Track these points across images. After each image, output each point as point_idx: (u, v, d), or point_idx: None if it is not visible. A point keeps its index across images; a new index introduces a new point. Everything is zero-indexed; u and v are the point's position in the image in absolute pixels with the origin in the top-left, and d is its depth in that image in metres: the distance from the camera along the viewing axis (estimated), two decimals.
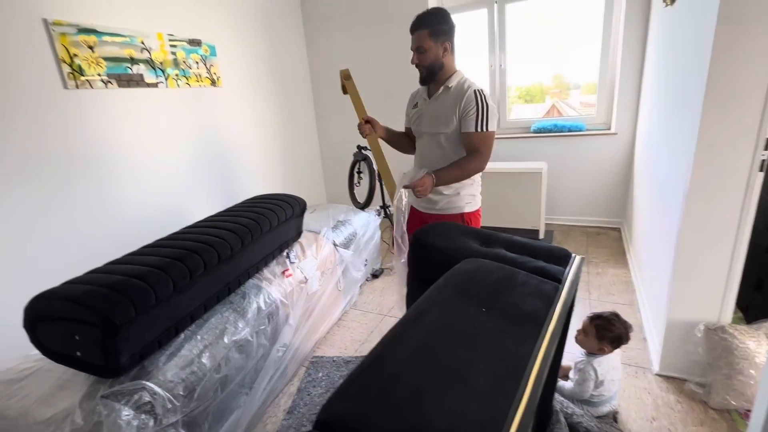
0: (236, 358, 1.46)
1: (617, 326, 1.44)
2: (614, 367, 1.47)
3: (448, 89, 1.54)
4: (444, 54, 1.51)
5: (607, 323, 1.45)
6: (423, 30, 1.49)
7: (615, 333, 1.43)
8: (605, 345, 1.44)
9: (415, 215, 1.75)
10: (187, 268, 1.31)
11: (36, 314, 1.14)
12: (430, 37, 1.48)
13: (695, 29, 1.50)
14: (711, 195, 1.40)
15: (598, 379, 1.42)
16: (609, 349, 1.45)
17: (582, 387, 1.44)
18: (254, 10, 3.27)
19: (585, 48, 3.13)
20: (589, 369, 1.43)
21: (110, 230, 2.27)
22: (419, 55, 1.52)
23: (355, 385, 0.54)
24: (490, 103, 1.49)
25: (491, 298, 0.75)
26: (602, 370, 1.42)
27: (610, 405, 1.47)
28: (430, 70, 1.53)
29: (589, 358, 1.47)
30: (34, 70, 1.94)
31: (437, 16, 1.50)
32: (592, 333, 1.46)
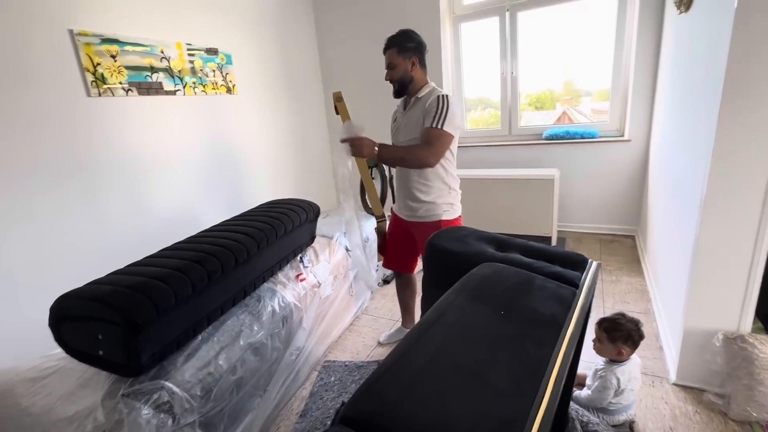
0: (251, 360, 1.47)
1: (625, 324, 1.43)
2: (635, 377, 1.45)
3: (418, 99, 1.67)
4: (412, 68, 1.66)
5: (613, 324, 1.45)
6: (392, 49, 1.65)
7: (624, 331, 1.42)
8: (621, 347, 1.42)
9: (396, 222, 1.89)
10: (205, 270, 1.33)
11: (61, 313, 1.18)
12: (398, 54, 1.64)
13: (710, 35, 1.50)
14: (729, 201, 1.39)
15: (620, 387, 1.40)
16: (627, 351, 1.43)
17: (602, 394, 1.42)
18: (269, 19, 3.35)
19: (597, 55, 3.13)
20: (612, 377, 1.40)
21: (131, 233, 2.32)
22: (390, 71, 1.68)
23: (378, 384, 0.56)
24: (452, 108, 1.57)
25: (509, 302, 0.76)
26: (624, 379, 1.40)
27: (627, 414, 1.45)
28: (400, 83, 1.68)
29: (611, 366, 1.44)
30: (60, 79, 2.02)
31: (403, 35, 1.67)
32: (604, 337, 1.45)
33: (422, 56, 1.68)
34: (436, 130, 1.56)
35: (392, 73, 1.67)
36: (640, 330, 1.44)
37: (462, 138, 3.76)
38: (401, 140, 1.73)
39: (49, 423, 1.14)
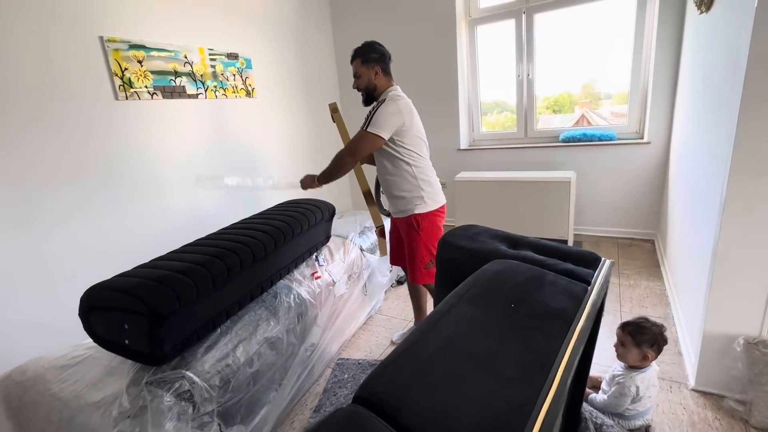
0: (268, 354, 1.51)
1: (650, 328, 1.41)
2: (653, 384, 1.43)
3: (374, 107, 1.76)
4: (376, 77, 1.78)
5: (638, 327, 1.43)
6: (357, 59, 1.78)
7: (650, 334, 1.40)
8: (647, 351, 1.40)
9: (392, 221, 1.99)
10: (226, 265, 1.38)
11: (90, 303, 1.24)
12: (362, 64, 1.77)
13: (731, 35, 1.48)
14: (750, 203, 1.36)
15: (638, 395, 1.38)
16: (652, 356, 1.41)
17: (618, 401, 1.40)
18: (287, 25, 3.43)
19: (616, 57, 3.09)
20: (631, 385, 1.39)
21: (156, 229, 2.41)
22: (356, 80, 1.80)
23: (391, 368, 0.58)
24: (385, 109, 1.67)
25: (520, 296, 0.77)
26: (643, 387, 1.38)
27: (644, 420, 1.43)
28: (366, 91, 1.81)
29: (631, 373, 1.42)
30: (91, 83, 2.12)
31: (367, 47, 1.79)
32: (629, 341, 1.43)
33: (385, 65, 1.80)
34: (360, 131, 1.72)
35: (358, 82, 1.81)
36: (665, 334, 1.42)
37: (478, 141, 3.76)
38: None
39: (78, 408, 1.20)
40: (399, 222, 1.91)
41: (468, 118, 3.71)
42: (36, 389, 1.30)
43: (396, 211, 1.88)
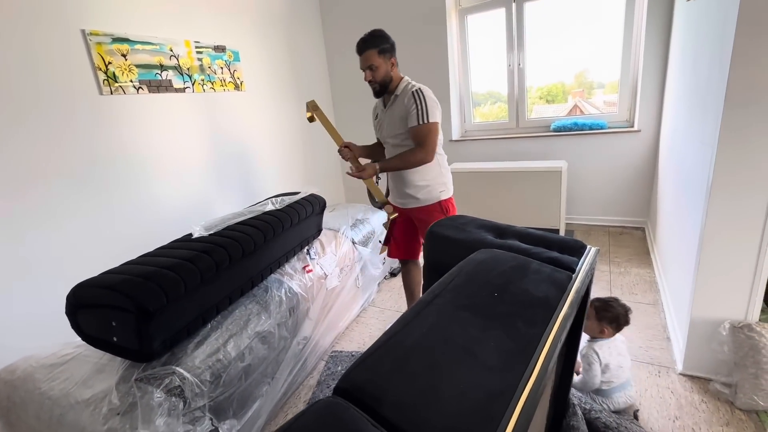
0: (259, 348, 1.51)
1: (615, 307, 1.48)
2: (620, 353, 1.48)
3: (397, 96, 1.73)
4: (392, 68, 1.73)
5: (605, 305, 1.49)
6: (371, 50, 1.68)
7: (613, 313, 1.47)
8: (605, 326, 1.47)
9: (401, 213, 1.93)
10: (214, 261, 1.37)
11: (77, 301, 1.23)
12: (378, 55, 1.68)
13: (718, 21, 1.47)
14: (735, 189, 1.37)
15: (602, 362, 1.43)
16: (609, 331, 1.48)
17: (589, 373, 1.45)
18: (276, 16, 3.38)
19: (607, 46, 3.08)
20: (591, 353, 1.45)
21: (143, 225, 2.39)
22: (371, 72, 1.70)
23: (372, 358, 0.58)
24: (429, 97, 1.66)
25: (503, 285, 0.78)
26: (603, 353, 1.44)
27: (625, 395, 1.46)
28: (382, 84, 1.73)
29: (589, 343, 1.50)
30: (73, 78, 2.08)
31: (380, 37, 1.70)
32: (592, 315, 1.50)
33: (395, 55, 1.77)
34: (422, 126, 1.64)
35: (374, 74, 1.70)
36: (628, 316, 1.49)
37: (469, 131, 3.75)
38: (385, 136, 1.83)
39: (68, 406, 1.19)
40: (417, 211, 1.86)
41: (459, 108, 3.70)
42: (25, 388, 1.30)
43: (413, 201, 1.84)
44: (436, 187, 1.80)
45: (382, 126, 1.84)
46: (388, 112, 1.78)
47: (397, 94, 1.73)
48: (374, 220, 2.59)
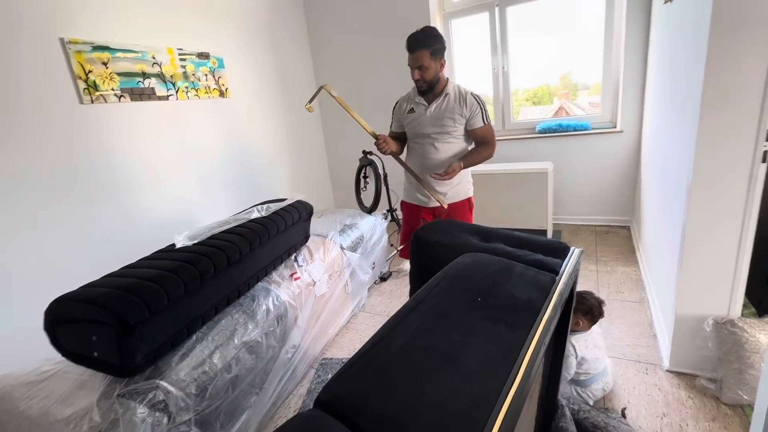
0: (246, 358, 1.49)
1: (589, 300, 1.53)
2: (596, 345, 1.52)
3: (448, 95, 1.82)
4: (441, 69, 1.79)
5: (579, 298, 1.54)
6: (424, 50, 1.71)
7: (587, 305, 1.52)
8: (579, 318, 1.52)
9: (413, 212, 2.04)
10: (198, 271, 1.35)
11: (55, 316, 1.20)
12: (431, 56, 1.72)
13: (693, 23, 1.51)
14: (714, 188, 1.40)
15: (578, 354, 1.46)
16: (584, 324, 1.52)
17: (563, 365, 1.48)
18: (260, 22, 3.37)
19: (590, 48, 3.13)
20: (568, 345, 1.47)
21: (126, 236, 2.34)
22: (421, 72, 1.75)
23: (353, 368, 0.57)
24: (483, 101, 1.86)
25: (487, 289, 0.78)
26: (580, 346, 1.48)
27: (602, 382, 1.50)
28: (430, 84, 1.79)
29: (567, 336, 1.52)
30: (52, 87, 2.03)
31: (435, 37, 1.73)
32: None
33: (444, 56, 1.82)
34: (487, 125, 1.86)
35: (424, 74, 1.76)
36: (602, 308, 1.54)
37: None
38: (429, 132, 1.89)
39: (47, 425, 1.15)
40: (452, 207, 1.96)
41: None
42: (3, 407, 1.26)
43: (448, 196, 1.93)
44: (465, 184, 1.96)
45: (421, 121, 1.90)
46: (434, 110, 1.84)
47: (447, 93, 1.81)
48: (363, 225, 2.59)
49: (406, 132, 2.01)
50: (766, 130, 1.29)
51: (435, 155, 1.91)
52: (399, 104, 2.02)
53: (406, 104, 1.96)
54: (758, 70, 1.25)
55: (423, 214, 2.03)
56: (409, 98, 1.98)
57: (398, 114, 2.02)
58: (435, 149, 1.90)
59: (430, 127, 1.88)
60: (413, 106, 1.93)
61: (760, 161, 1.32)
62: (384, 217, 2.88)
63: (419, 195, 2.01)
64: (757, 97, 1.27)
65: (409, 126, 1.96)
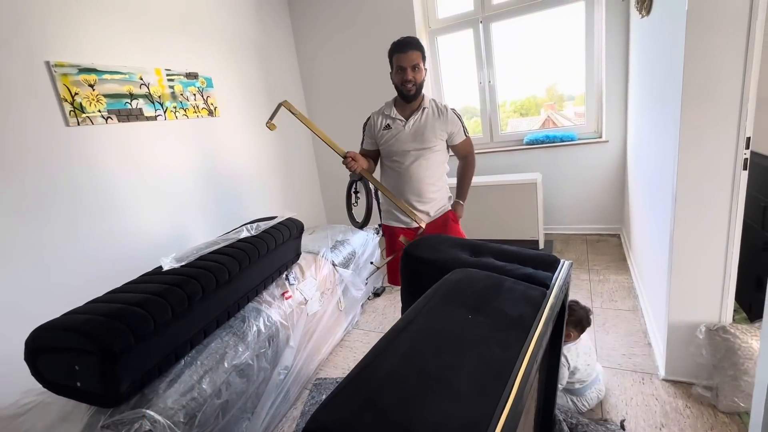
0: (237, 382, 1.45)
1: (577, 311, 1.53)
2: (586, 351, 1.52)
3: (426, 109, 1.76)
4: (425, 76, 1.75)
5: (568, 309, 1.52)
6: (418, 51, 1.68)
7: (576, 317, 1.52)
8: (570, 330, 1.51)
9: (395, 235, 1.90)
10: (185, 293, 1.32)
11: (36, 345, 1.16)
12: (422, 59, 1.70)
13: (669, 36, 1.55)
14: (699, 196, 1.42)
15: (570, 365, 1.46)
16: (574, 335, 1.52)
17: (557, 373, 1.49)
18: (248, 40, 3.40)
19: (572, 60, 3.21)
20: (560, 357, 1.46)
21: (113, 260, 2.29)
22: (415, 73, 1.68)
23: (341, 395, 0.56)
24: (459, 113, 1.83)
25: (478, 306, 0.77)
26: (572, 356, 1.47)
27: (596, 389, 1.50)
28: (419, 88, 1.72)
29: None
30: (37, 110, 2.02)
31: (422, 45, 1.73)
32: None
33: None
34: (468, 139, 1.84)
35: (417, 74, 1.68)
36: (590, 318, 1.54)
37: None
38: (409, 148, 1.78)
39: None
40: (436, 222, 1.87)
41: None
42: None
43: (433, 211, 1.86)
44: (444, 195, 1.88)
45: (399, 137, 1.78)
46: (413, 125, 1.75)
47: (425, 107, 1.75)
48: (355, 241, 2.57)
49: (381, 150, 1.87)
50: (746, 138, 1.31)
51: (415, 172, 1.79)
52: (371, 120, 1.90)
53: (381, 119, 1.85)
54: (734, 78, 1.28)
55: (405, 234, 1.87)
56: (382, 113, 1.86)
57: (371, 131, 1.89)
58: (415, 166, 1.78)
59: (410, 143, 1.76)
60: (389, 122, 1.81)
61: (741, 168, 1.34)
62: (376, 232, 2.87)
63: (399, 215, 1.89)
64: (734, 105, 1.30)
65: (385, 144, 1.82)
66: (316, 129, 1.78)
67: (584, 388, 1.50)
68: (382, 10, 3.45)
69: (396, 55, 1.70)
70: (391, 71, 1.76)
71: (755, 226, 1.75)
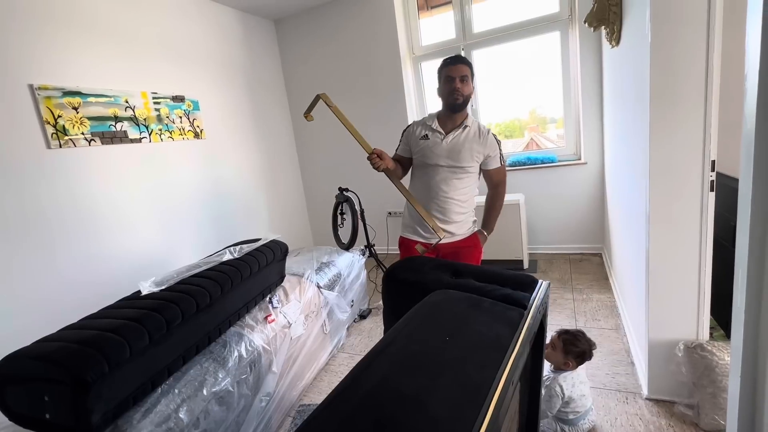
0: (216, 411, 1.41)
1: (582, 342, 1.52)
2: (581, 381, 1.51)
3: (468, 128, 1.73)
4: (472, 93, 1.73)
5: (573, 338, 1.53)
6: (467, 66, 1.68)
7: (580, 348, 1.51)
8: (570, 360, 1.51)
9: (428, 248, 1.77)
10: (164, 318, 1.30)
11: (4, 375, 1.11)
12: (471, 75, 1.69)
13: (636, 66, 1.64)
14: (671, 216, 1.47)
15: (565, 395, 1.45)
16: (573, 365, 1.51)
17: (549, 403, 1.49)
18: (235, 63, 3.46)
19: (551, 86, 3.35)
20: (555, 385, 1.47)
21: (90, 285, 2.24)
22: (463, 84, 1.66)
23: (315, 422, 0.55)
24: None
25: (456, 328, 0.77)
26: (567, 385, 1.47)
27: (589, 421, 1.49)
28: (466, 100, 1.70)
29: (554, 375, 1.52)
30: (18, 133, 2.00)
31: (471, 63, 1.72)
32: (560, 347, 1.52)
33: None
34: (503, 166, 1.81)
35: (466, 87, 1.67)
36: (592, 352, 1.54)
37: None
38: (443, 163, 1.72)
39: None
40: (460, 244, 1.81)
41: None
42: None
43: (456, 231, 1.79)
44: (471, 217, 1.85)
45: (434, 149, 1.73)
46: (451, 140, 1.71)
47: (467, 125, 1.72)
48: (340, 262, 2.56)
49: (414, 159, 1.82)
50: (711, 161, 1.38)
51: (444, 189, 1.73)
52: (412, 128, 1.84)
53: (420, 129, 1.79)
54: (697, 105, 1.35)
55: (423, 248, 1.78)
56: (423, 123, 1.81)
57: (409, 137, 1.83)
58: (445, 183, 1.72)
59: (444, 159, 1.71)
60: (428, 133, 1.76)
61: (708, 190, 1.40)
62: (362, 253, 2.87)
63: (421, 230, 1.80)
64: (698, 130, 1.37)
65: (419, 153, 1.77)
66: (348, 123, 1.73)
67: (578, 419, 1.49)
68: (368, 37, 3.57)
69: (445, 68, 1.69)
70: (438, 86, 1.74)
71: (726, 244, 1.81)
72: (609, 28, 2.03)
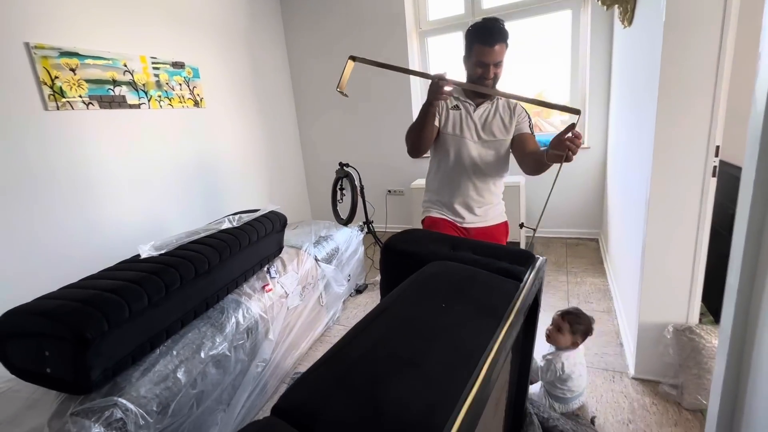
0: (213, 373, 1.44)
1: (585, 318, 1.56)
2: (580, 362, 1.54)
3: (497, 100, 1.60)
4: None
5: (577, 317, 1.56)
6: (504, 43, 1.45)
7: (585, 325, 1.54)
8: (579, 338, 1.54)
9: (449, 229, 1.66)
10: (163, 282, 1.31)
11: (7, 330, 1.13)
12: (505, 51, 1.49)
13: (648, 47, 1.61)
14: (670, 201, 1.48)
15: (565, 372, 1.48)
16: (581, 341, 1.55)
17: (546, 374, 1.54)
18: (237, 32, 3.37)
19: (559, 67, 3.28)
20: (558, 361, 1.51)
21: (90, 247, 2.25)
22: (497, 69, 1.48)
23: (312, 376, 0.57)
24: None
25: (452, 295, 0.79)
26: (569, 364, 1.50)
27: (580, 401, 1.54)
28: (494, 83, 1.52)
29: (558, 351, 1.55)
30: (14, 92, 1.96)
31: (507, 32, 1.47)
32: (567, 328, 1.54)
33: None
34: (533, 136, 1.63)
35: (499, 71, 1.49)
36: (592, 327, 1.58)
37: None
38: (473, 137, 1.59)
39: None
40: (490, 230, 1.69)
41: None
42: None
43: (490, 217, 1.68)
44: (502, 205, 1.74)
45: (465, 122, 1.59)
46: (482, 113, 1.59)
47: (497, 98, 1.59)
48: (338, 237, 2.58)
49: (442, 131, 1.62)
50: (715, 147, 1.37)
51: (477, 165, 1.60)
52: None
53: (449, 100, 1.64)
54: (706, 89, 1.33)
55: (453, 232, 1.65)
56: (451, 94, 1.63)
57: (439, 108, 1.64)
58: (478, 158, 1.60)
59: (475, 132, 1.59)
60: (458, 104, 1.62)
61: (710, 175, 1.40)
62: (360, 229, 2.88)
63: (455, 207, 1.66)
64: (706, 114, 1.35)
65: (449, 125, 1.61)
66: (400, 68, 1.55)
67: (572, 398, 1.52)
68: (374, 10, 3.47)
69: (478, 46, 1.45)
70: (465, 55, 1.54)
71: (724, 233, 1.82)
72: (622, 6, 1.97)
